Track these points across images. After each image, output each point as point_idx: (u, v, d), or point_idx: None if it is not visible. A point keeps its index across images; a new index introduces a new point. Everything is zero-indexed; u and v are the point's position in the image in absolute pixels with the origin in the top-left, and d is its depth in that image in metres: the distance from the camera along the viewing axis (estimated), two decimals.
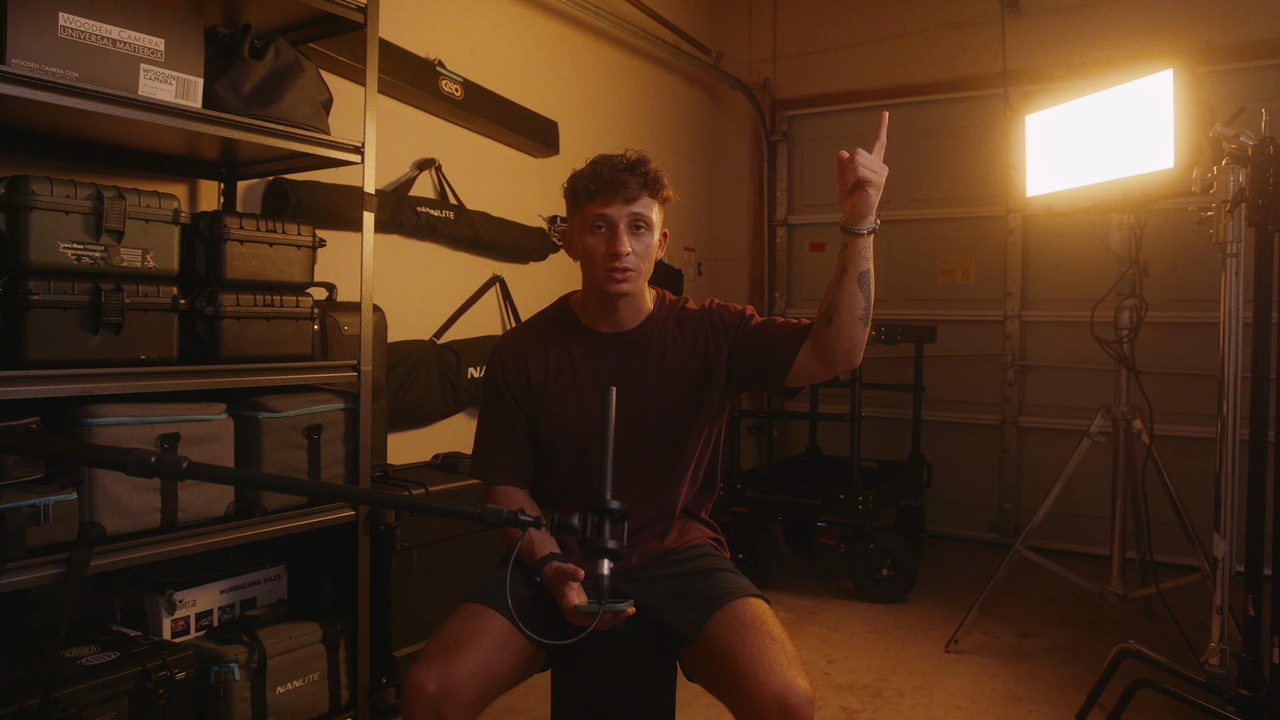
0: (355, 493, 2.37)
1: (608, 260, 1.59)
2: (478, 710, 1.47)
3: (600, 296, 1.66)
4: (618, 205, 1.58)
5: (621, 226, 1.59)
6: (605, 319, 1.70)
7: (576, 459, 1.69)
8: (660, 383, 1.68)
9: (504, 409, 1.71)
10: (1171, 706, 2.49)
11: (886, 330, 3.69)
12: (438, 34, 3.32)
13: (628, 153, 1.62)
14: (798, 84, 5.10)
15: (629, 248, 1.58)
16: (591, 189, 1.59)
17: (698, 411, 1.69)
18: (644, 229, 1.61)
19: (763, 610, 1.54)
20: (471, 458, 1.76)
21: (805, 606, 3.53)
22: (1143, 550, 3.15)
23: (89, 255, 1.85)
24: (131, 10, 1.86)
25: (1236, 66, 3.97)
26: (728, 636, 1.48)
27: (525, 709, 2.56)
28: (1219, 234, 2.17)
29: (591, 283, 1.65)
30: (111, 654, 1.85)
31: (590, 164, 1.63)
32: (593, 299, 1.69)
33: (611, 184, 1.58)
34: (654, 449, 1.68)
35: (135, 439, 1.89)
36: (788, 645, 1.46)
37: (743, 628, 1.49)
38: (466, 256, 3.49)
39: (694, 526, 1.80)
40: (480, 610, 1.54)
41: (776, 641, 1.46)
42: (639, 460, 1.67)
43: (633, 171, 1.59)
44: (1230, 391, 2.20)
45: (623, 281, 1.60)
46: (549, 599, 1.57)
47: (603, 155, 1.63)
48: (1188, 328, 4.09)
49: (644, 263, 1.63)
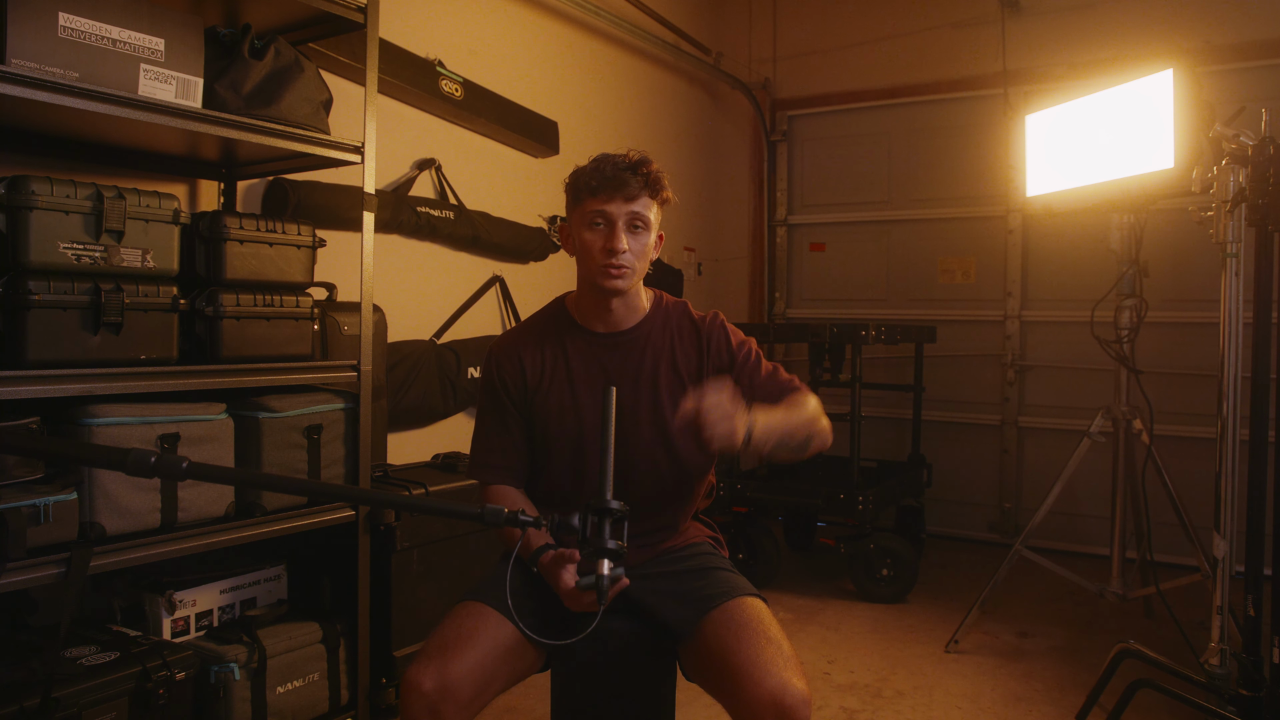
0: (355, 493, 2.37)
1: (604, 256, 1.60)
2: (476, 709, 1.47)
3: (595, 294, 1.67)
4: (618, 203, 1.60)
5: (620, 224, 1.60)
6: (600, 318, 1.71)
7: (571, 459, 1.69)
8: (654, 384, 1.69)
9: (500, 410, 1.71)
10: (1171, 706, 2.49)
11: (886, 330, 3.69)
12: (438, 34, 3.32)
13: (630, 152, 1.64)
14: (798, 84, 5.10)
15: (626, 245, 1.60)
16: (593, 185, 1.60)
17: None
18: (642, 228, 1.63)
19: (759, 609, 1.54)
20: (469, 458, 1.77)
21: (805, 606, 3.53)
22: (1143, 550, 3.15)
23: (89, 255, 1.85)
24: (131, 10, 1.86)
25: (1236, 66, 3.97)
26: (723, 636, 1.48)
27: (525, 709, 2.56)
28: (1219, 234, 2.17)
29: (587, 279, 1.67)
30: (111, 654, 1.85)
31: (593, 161, 1.64)
32: (588, 297, 1.70)
33: (613, 181, 1.59)
34: (647, 449, 1.68)
35: (135, 439, 1.89)
36: (784, 645, 1.46)
37: (738, 627, 1.49)
38: (466, 256, 3.49)
39: (692, 525, 1.81)
40: (479, 609, 1.54)
41: (773, 641, 1.46)
42: (633, 461, 1.66)
43: (635, 171, 1.60)
44: (1230, 391, 2.20)
45: (618, 278, 1.62)
46: (549, 598, 1.57)
47: (605, 154, 1.65)
48: (1188, 328, 4.09)
49: (640, 261, 1.64)
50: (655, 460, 1.69)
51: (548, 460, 1.72)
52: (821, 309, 5.12)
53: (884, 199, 4.92)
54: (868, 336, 3.54)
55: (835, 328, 3.62)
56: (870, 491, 3.55)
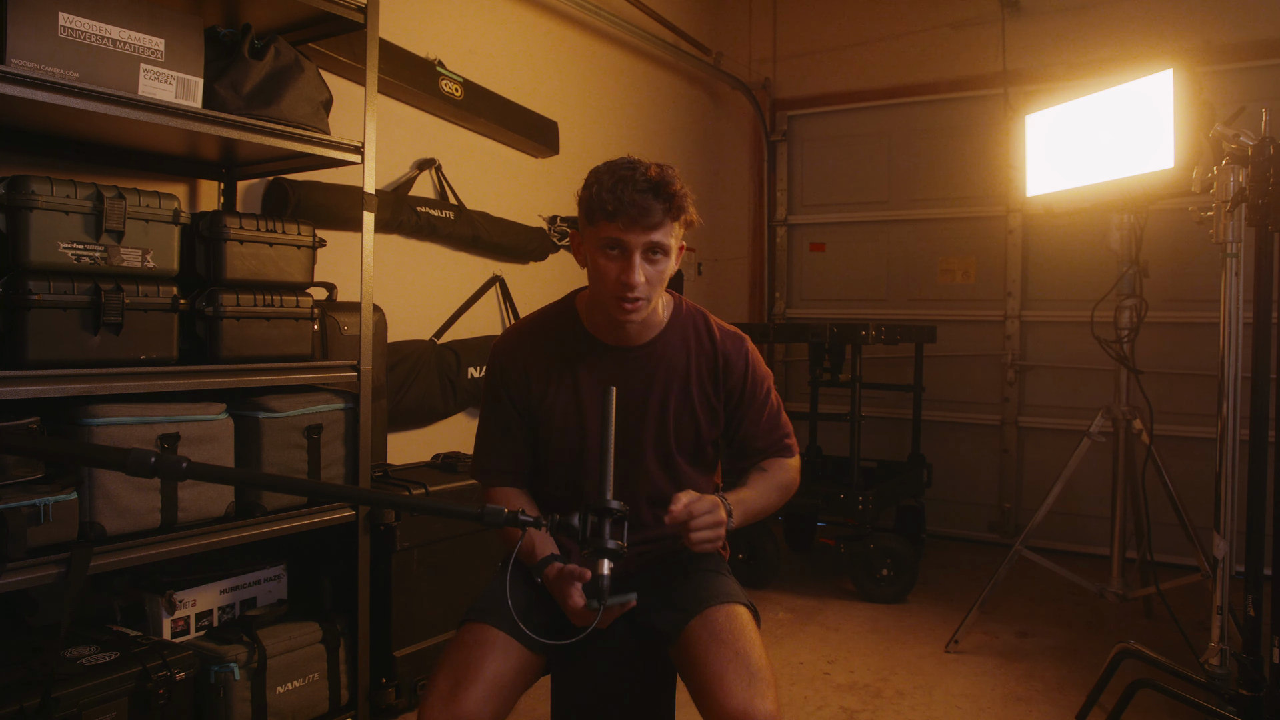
0: (355, 493, 2.37)
1: (618, 289, 1.48)
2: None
3: (607, 316, 1.58)
4: (636, 233, 1.45)
5: (637, 256, 1.47)
6: (612, 334, 1.63)
7: (573, 467, 1.66)
8: (664, 406, 1.64)
9: (503, 413, 1.68)
10: (1171, 706, 2.49)
11: (886, 330, 3.69)
12: (438, 34, 3.32)
13: (651, 169, 1.46)
14: (798, 84, 5.10)
15: (642, 278, 1.47)
16: (610, 210, 1.45)
17: (703, 431, 1.68)
18: (661, 256, 1.50)
19: (740, 618, 1.51)
20: (472, 460, 1.75)
21: (805, 606, 3.53)
22: (1143, 550, 3.15)
23: (89, 255, 1.85)
24: (131, 10, 1.86)
25: (1236, 66, 3.97)
26: (697, 646, 1.47)
27: (525, 709, 2.56)
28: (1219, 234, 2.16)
29: (599, 302, 1.58)
30: (111, 654, 1.85)
31: (611, 174, 1.47)
32: (600, 312, 1.61)
33: (632, 209, 1.44)
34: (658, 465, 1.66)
35: (135, 439, 1.89)
36: (755, 660, 1.42)
37: (711, 638, 1.46)
38: (466, 256, 3.49)
39: None
40: (485, 632, 1.51)
41: (742, 656, 1.42)
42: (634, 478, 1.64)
43: (657, 194, 1.45)
44: (1230, 391, 2.20)
45: (632, 312, 1.51)
46: (549, 601, 1.56)
47: (625, 166, 1.48)
48: (1188, 328, 4.09)
49: (656, 290, 1.52)
50: (657, 484, 1.66)
51: (549, 468, 1.70)
52: (821, 309, 5.12)
53: (884, 199, 4.92)
54: (868, 336, 3.54)
55: (835, 328, 3.62)
56: (870, 491, 3.55)
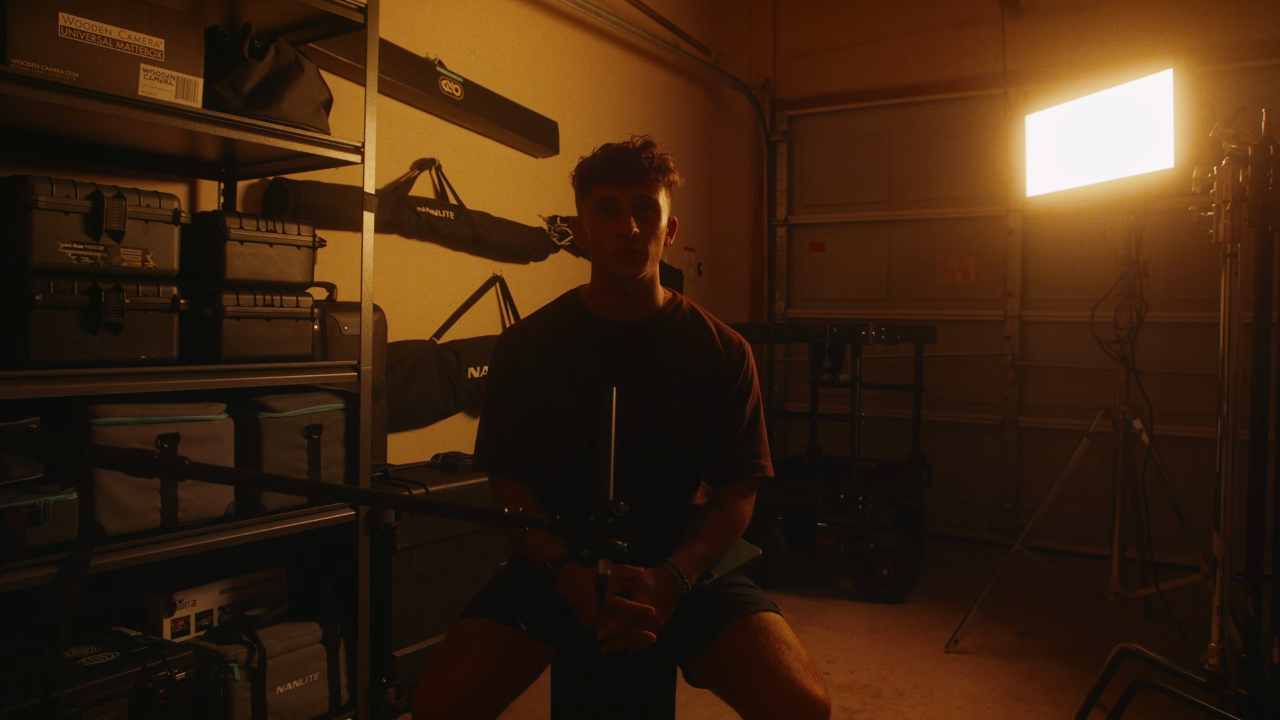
0: (355, 493, 2.37)
1: (615, 242, 1.60)
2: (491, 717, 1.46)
3: (609, 282, 1.67)
4: (624, 187, 1.60)
5: (628, 209, 1.60)
6: (614, 307, 1.70)
7: (581, 450, 1.66)
8: (666, 378, 1.68)
9: (509, 400, 1.69)
10: (1171, 706, 2.49)
11: (886, 330, 3.69)
12: (438, 34, 3.32)
13: (634, 138, 1.64)
14: (798, 84, 5.10)
15: (636, 229, 1.60)
16: (599, 172, 1.61)
17: (704, 410, 1.69)
18: (651, 211, 1.62)
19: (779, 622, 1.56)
20: (475, 449, 1.74)
21: (805, 606, 3.53)
22: (1143, 550, 3.15)
23: (89, 255, 1.85)
24: (131, 10, 1.86)
25: (1236, 66, 3.97)
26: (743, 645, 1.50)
27: (525, 709, 2.56)
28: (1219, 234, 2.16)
29: (600, 267, 1.67)
30: (111, 654, 1.85)
31: (597, 150, 1.66)
32: (601, 285, 1.70)
33: (619, 166, 1.60)
34: (660, 443, 1.67)
35: (135, 439, 1.89)
36: (803, 653, 1.49)
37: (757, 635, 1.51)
38: (466, 256, 3.49)
39: None
40: (478, 625, 1.53)
41: (792, 648, 1.49)
42: (645, 455, 1.64)
43: (639, 154, 1.60)
44: (1230, 391, 2.20)
45: (630, 263, 1.61)
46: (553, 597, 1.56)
47: (609, 143, 1.66)
48: (1188, 328, 4.09)
49: (652, 245, 1.63)
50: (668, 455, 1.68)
51: (554, 447, 1.70)
52: (821, 309, 5.12)
53: (884, 199, 4.92)
54: (868, 336, 3.54)
55: (835, 328, 3.62)
56: (870, 491, 3.55)
